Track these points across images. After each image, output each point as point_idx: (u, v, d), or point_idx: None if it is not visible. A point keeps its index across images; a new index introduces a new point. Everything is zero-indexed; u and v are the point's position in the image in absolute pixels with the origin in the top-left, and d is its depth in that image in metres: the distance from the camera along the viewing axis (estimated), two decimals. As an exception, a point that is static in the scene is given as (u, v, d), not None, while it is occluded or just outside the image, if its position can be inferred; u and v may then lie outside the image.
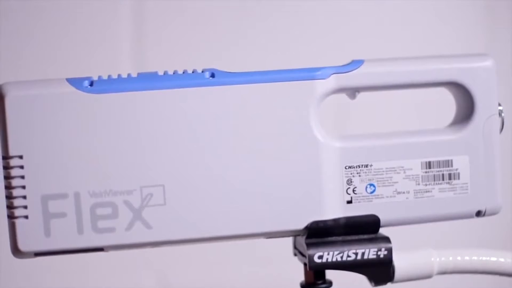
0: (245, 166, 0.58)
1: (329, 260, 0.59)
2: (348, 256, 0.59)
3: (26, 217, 0.56)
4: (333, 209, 0.59)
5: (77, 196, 0.57)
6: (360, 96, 0.61)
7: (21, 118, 0.56)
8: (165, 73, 0.58)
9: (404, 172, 0.60)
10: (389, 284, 0.62)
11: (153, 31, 1.12)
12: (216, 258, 1.13)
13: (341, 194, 0.60)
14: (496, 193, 0.61)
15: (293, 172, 0.59)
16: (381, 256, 0.60)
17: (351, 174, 0.60)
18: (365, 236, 0.60)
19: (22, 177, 0.56)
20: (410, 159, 0.60)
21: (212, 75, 0.58)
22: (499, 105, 0.61)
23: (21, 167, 0.56)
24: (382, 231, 0.61)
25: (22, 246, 0.56)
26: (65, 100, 0.57)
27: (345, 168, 0.60)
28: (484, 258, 0.63)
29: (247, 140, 0.58)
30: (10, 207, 0.56)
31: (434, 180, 0.61)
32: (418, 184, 0.60)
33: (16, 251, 0.57)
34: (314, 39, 1.14)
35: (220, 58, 1.11)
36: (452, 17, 1.18)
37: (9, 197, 0.56)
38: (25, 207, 0.56)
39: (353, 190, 0.60)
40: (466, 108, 0.61)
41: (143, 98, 0.57)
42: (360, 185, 0.60)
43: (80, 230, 0.57)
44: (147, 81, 0.57)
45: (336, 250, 0.59)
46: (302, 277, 0.63)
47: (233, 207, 0.58)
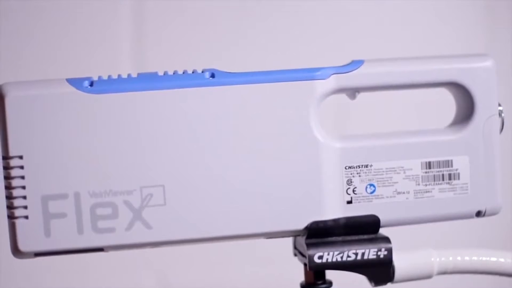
0: (245, 166, 0.58)
1: (329, 260, 0.59)
2: (348, 256, 0.59)
3: (26, 217, 0.56)
4: (333, 209, 0.59)
5: (77, 196, 0.57)
6: (360, 96, 0.61)
7: (21, 118, 0.56)
8: (165, 73, 0.58)
9: (404, 172, 0.60)
10: (389, 284, 0.62)
11: (153, 31, 1.12)
12: (216, 258, 1.13)
13: (341, 194, 0.60)
14: (496, 193, 0.61)
15: (293, 172, 0.59)
16: (381, 256, 0.60)
17: (351, 174, 0.60)
18: (365, 236, 0.60)
19: (22, 177, 0.56)
20: (410, 159, 0.60)
21: (212, 75, 0.58)
22: (499, 105, 0.61)
23: (21, 167, 0.56)
24: (382, 231, 0.61)
25: (22, 246, 0.56)
26: (65, 100, 0.57)
27: (345, 168, 0.60)
28: (484, 258, 0.63)
29: (247, 140, 0.58)
30: (10, 207, 0.56)
31: (434, 180, 0.61)
32: (418, 184, 0.60)
33: (16, 251, 0.57)
34: (314, 39, 1.14)
35: (220, 58, 1.11)
36: (452, 17, 1.18)
37: (9, 197, 0.56)
38: (25, 207, 0.56)
39: (353, 190, 0.60)
40: (466, 108, 0.61)
41: (143, 98, 0.57)
42: (360, 185, 0.60)
43: (80, 230, 0.57)
44: (147, 81, 0.57)
45: (336, 250, 0.59)
46: (302, 277, 0.63)
47: (233, 207, 0.58)
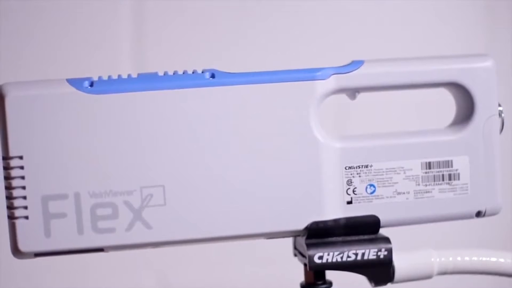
0: (245, 166, 0.58)
1: (329, 260, 0.59)
2: (348, 256, 0.59)
3: (26, 218, 0.56)
4: (333, 210, 0.59)
5: (77, 196, 0.57)
6: (360, 96, 0.61)
7: (21, 119, 0.56)
8: (165, 73, 0.58)
9: (404, 173, 0.60)
10: (389, 285, 0.62)
11: (153, 31, 1.12)
12: (216, 258, 1.13)
13: (341, 194, 0.60)
14: (496, 193, 0.61)
15: (293, 172, 0.59)
16: (381, 256, 0.60)
17: (351, 174, 0.60)
18: (365, 237, 0.60)
19: (22, 177, 0.56)
20: (410, 160, 0.60)
21: (212, 76, 0.58)
22: (499, 105, 0.61)
23: (21, 168, 0.56)
24: (382, 231, 0.61)
25: (22, 246, 0.56)
26: (65, 100, 0.57)
27: (345, 168, 0.60)
28: (484, 258, 0.63)
29: (247, 141, 0.58)
30: (10, 207, 0.56)
31: (434, 181, 0.61)
32: (418, 185, 0.60)
33: (16, 251, 0.57)
34: (314, 39, 1.14)
35: (220, 58, 1.11)
36: (452, 17, 1.18)
37: (9, 198, 0.56)
38: (25, 207, 0.56)
39: (353, 191, 0.60)
40: (466, 109, 0.61)
41: (143, 98, 0.57)
42: (360, 185, 0.60)
43: (80, 231, 0.57)
44: (147, 81, 0.57)
45: (336, 251, 0.59)
46: (302, 277, 0.63)
47: (233, 207, 0.58)
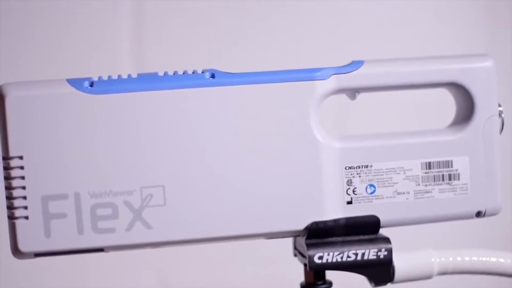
0: (245, 166, 0.58)
1: (329, 260, 0.59)
2: (348, 256, 0.59)
3: (27, 218, 0.56)
4: (333, 210, 0.59)
5: (77, 196, 0.57)
6: (360, 96, 0.61)
7: (21, 119, 0.56)
8: (165, 73, 0.58)
9: (404, 173, 0.60)
10: (389, 285, 0.62)
11: (153, 31, 1.12)
12: (216, 258, 1.13)
13: (341, 194, 0.60)
14: (496, 193, 0.61)
15: (293, 172, 0.59)
16: (381, 256, 0.60)
17: (351, 174, 0.60)
18: (365, 237, 0.60)
19: (22, 177, 0.56)
20: (410, 160, 0.60)
21: (212, 76, 0.58)
22: (499, 105, 0.61)
23: (21, 168, 0.56)
24: (382, 231, 0.61)
25: (22, 246, 0.56)
26: (65, 100, 0.57)
27: (345, 168, 0.60)
28: (484, 258, 0.63)
29: (247, 141, 0.58)
30: (10, 207, 0.56)
31: (434, 181, 0.61)
32: (418, 185, 0.60)
33: (16, 251, 0.57)
34: (314, 39, 1.14)
35: (220, 58, 1.11)
36: (452, 17, 1.18)
37: (9, 198, 0.56)
38: (25, 207, 0.56)
39: (353, 191, 0.60)
40: (466, 109, 0.61)
41: (143, 98, 0.57)
42: (360, 185, 0.60)
43: (80, 231, 0.57)
44: (147, 81, 0.57)
45: (336, 251, 0.59)
46: (302, 277, 0.63)
47: (233, 207, 0.58)
